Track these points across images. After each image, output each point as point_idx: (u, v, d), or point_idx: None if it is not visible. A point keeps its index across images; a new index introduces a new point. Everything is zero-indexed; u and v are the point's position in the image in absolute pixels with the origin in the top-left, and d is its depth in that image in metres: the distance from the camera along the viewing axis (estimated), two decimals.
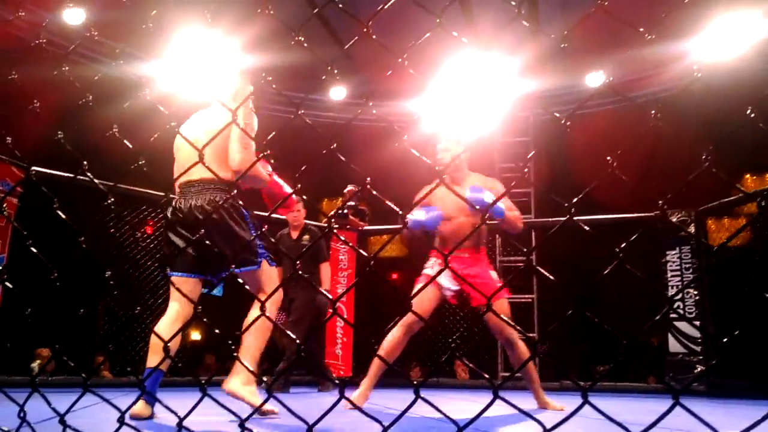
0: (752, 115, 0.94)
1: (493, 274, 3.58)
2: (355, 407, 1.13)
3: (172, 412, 1.27)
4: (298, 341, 1.21)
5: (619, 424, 0.96)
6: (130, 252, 5.89)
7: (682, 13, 5.83)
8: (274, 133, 1.27)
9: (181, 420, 1.26)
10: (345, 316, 6.51)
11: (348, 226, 6.57)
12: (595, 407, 0.96)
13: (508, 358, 6.44)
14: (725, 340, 0.97)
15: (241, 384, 2.58)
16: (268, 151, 1.12)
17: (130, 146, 1.48)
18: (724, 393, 5.40)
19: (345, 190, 5.67)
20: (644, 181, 7.49)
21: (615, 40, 5.81)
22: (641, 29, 0.98)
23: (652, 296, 5.67)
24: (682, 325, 5.77)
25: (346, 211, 6.62)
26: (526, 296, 6.77)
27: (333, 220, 5.75)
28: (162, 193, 4.81)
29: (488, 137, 7.63)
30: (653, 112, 0.95)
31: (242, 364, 1.66)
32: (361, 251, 3.18)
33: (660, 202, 0.95)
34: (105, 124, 1.62)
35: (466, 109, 6.94)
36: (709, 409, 3.84)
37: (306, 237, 5.48)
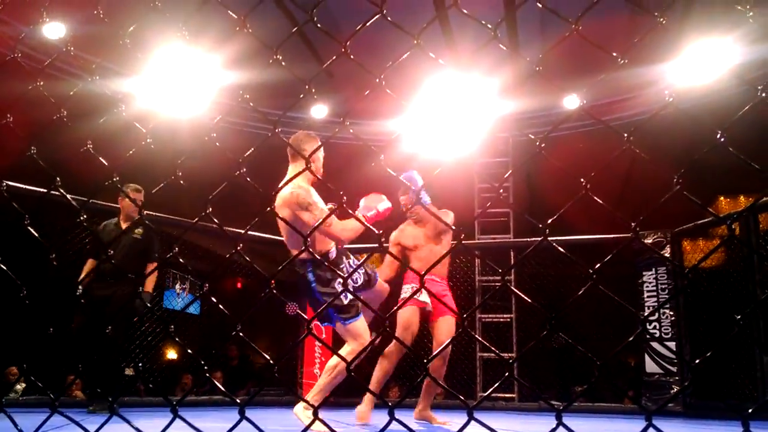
0: (722, 139, 0.96)
1: (449, 295, 4.32)
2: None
3: None
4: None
5: None
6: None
7: (657, 39, 5.97)
8: (251, 150, 1.27)
9: None
10: (323, 336, 6.47)
11: None
12: (569, 429, 0.96)
13: (485, 378, 6.48)
14: (697, 361, 0.97)
15: (303, 409, 3.08)
16: (244, 169, 1.11)
17: (105, 163, 1.46)
18: (700, 414, 5.44)
19: (330, 207, 5.64)
20: (620, 203, 7.59)
21: (592, 64, 5.89)
22: (614, 54, 1.00)
23: (629, 317, 5.73)
24: (659, 346, 5.82)
25: None
26: (505, 316, 6.78)
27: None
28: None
29: (467, 158, 7.68)
30: (626, 135, 0.97)
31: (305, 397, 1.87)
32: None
33: (633, 224, 0.96)
34: (81, 140, 1.60)
35: (446, 130, 6.99)
36: (684, 430, 3.87)
37: (139, 231, 4.82)
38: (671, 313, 5.84)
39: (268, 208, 1.15)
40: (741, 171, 5.64)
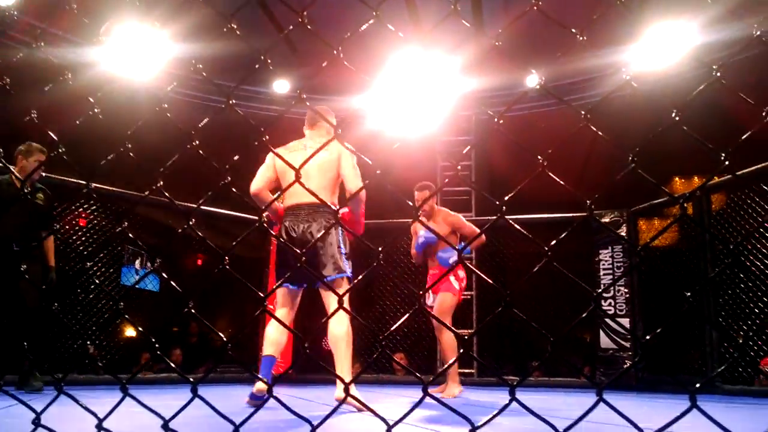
0: (677, 118, 0.96)
1: (451, 278, 4.49)
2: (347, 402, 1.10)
3: (91, 413, 1.21)
4: (224, 337, 1.17)
5: (544, 420, 0.97)
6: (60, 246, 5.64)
7: (619, 21, 6.02)
8: (205, 120, 1.23)
9: (101, 421, 1.20)
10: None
11: None
12: (521, 403, 0.97)
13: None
14: (648, 337, 0.99)
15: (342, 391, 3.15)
16: (196, 142, 1.07)
17: (51, 134, 1.40)
18: (653, 388, 5.62)
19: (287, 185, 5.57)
20: (580, 183, 7.72)
21: (556, 44, 5.95)
22: (573, 30, 0.99)
23: (585, 294, 5.85)
24: (613, 322, 5.98)
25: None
26: (466, 293, 6.85)
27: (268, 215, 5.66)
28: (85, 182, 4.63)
29: (430, 136, 7.68)
30: (583, 113, 0.96)
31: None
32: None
33: (588, 201, 0.96)
34: (27, 110, 1.53)
35: (409, 107, 6.97)
36: (635, 403, 3.98)
37: (40, 196, 4.37)
38: (626, 290, 5.99)
39: (221, 183, 1.11)
40: (696, 153, 5.78)
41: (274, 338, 3.32)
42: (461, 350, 0.88)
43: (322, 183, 3.28)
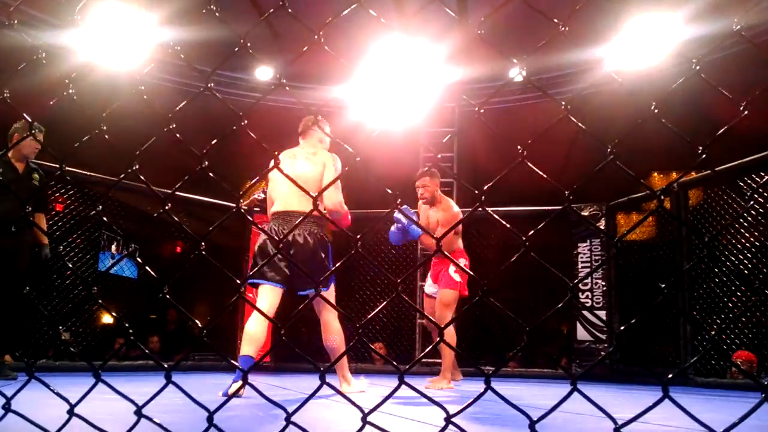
0: (655, 111, 0.97)
1: (451, 270, 4.46)
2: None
3: (63, 398, 1.20)
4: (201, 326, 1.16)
5: (518, 409, 0.97)
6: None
7: (603, 16, 6.05)
8: (182, 104, 1.21)
9: (73, 407, 1.18)
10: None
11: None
12: (496, 392, 0.97)
13: (424, 345, 6.59)
14: (622, 328, 0.99)
15: (348, 387, 3.49)
16: (173, 125, 1.06)
17: (26, 116, 1.37)
18: (627, 379, 5.70)
19: (267, 169, 5.53)
20: (562, 176, 7.77)
21: (540, 36, 5.96)
22: (555, 20, 0.99)
23: (563, 286, 5.92)
24: (590, 314, 6.05)
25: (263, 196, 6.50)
26: None
27: (257, 202, 5.61)
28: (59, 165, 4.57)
29: (414, 127, 7.67)
30: (563, 103, 0.97)
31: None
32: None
33: (566, 193, 0.97)
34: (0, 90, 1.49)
35: (393, 97, 6.95)
36: (611, 394, 4.04)
37: (36, 177, 4.38)
38: (603, 283, 6.06)
39: (198, 168, 1.10)
40: (675, 149, 5.84)
41: (255, 336, 3.28)
42: (438, 340, 0.88)
43: (298, 193, 3.40)
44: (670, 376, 1.04)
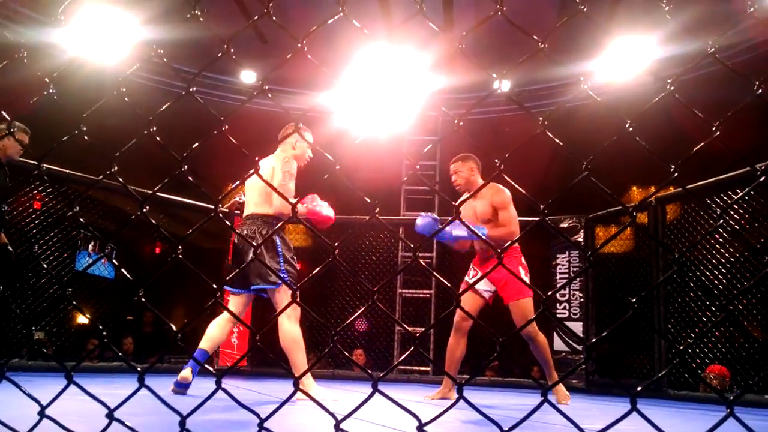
0: (630, 129, 0.99)
1: (521, 272, 3.95)
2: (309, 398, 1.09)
3: (33, 399, 1.19)
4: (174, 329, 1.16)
5: (489, 419, 0.99)
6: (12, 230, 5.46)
7: (585, 33, 6.14)
8: (166, 105, 1.21)
9: (44, 408, 1.17)
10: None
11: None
12: (468, 401, 0.99)
13: (402, 353, 6.61)
14: (594, 340, 1.01)
15: (309, 388, 3.37)
16: (153, 128, 1.06)
17: (4, 114, 1.36)
18: (602, 390, 5.75)
19: (247, 175, 5.49)
20: (541, 189, 7.84)
21: (524, 47, 6.03)
22: (535, 37, 1.01)
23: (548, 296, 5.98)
24: (567, 325, 6.10)
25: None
26: (425, 292, 6.91)
27: (238, 205, 5.57)
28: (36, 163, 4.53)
29: (398, 135, 7.71)
30: (541, 119, 0.98)
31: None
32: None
33: (542, 207, 0.99)
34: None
35: (377, 105, 6.97)
36: (584, 405, 4.07)
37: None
38: (581, 295, 6.12)
39: (178, 171, 1.10)
40: (654, 164, 5.92)
41: (212, 335, 3.51)
42: (411, 348, 0.88)
43: (254, 197, 3.62)
44: (639, 388, 1.06)
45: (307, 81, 8.02)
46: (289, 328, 3.40)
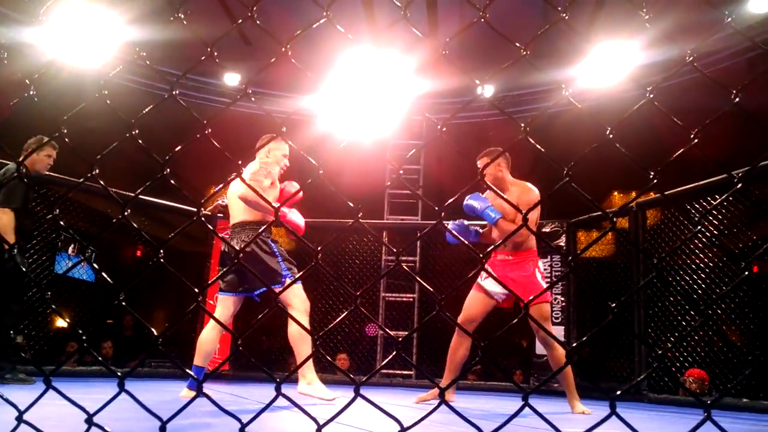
0: (611, 136, 1.00)
1: (537, 275, 3.78)
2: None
3: (11, 404, 1.17)
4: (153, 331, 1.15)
5: (471, 423, 0.99)
6: None
7: (569, 36, 6.20)
8: (148, 108, 1.20)
9: (21, 413, 1.16)
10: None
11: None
12: (449, 406, 0.99)
13: (385, 356, 6.60)
14: (574, 344, 1.02)
15: (307, 384, 3.39)
16: (136, 131, 1.05)
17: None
18: (584, 395, 5.79)
19: (230, 177, 5.47)
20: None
21: (508, 52, 6.08)
22: (518, 44, 1.02)
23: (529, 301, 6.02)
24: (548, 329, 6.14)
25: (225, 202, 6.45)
26: (408, 296, 6.91)
27: (221, 208, 5.53)
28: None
29: (383, 138, 7.72)
30: (523, 125, 0.99)
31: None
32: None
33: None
34: None
35: (362, 108, 6.98)
36: (560, 407, 4.09)
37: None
38: (562, 299, 6.16)
39: (160, 175, 1.09)
40: (634, 168, 5.98)
41: (203, 347, 3.60)
42: (395, 352, 0.88)
43: (239, 205, 3.68)
44: (618, 392, 1.07)
45: (292, 84, 8.01)
46: (303, 319, 3.44)
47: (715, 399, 0.93)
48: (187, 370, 1.26)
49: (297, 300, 3.51)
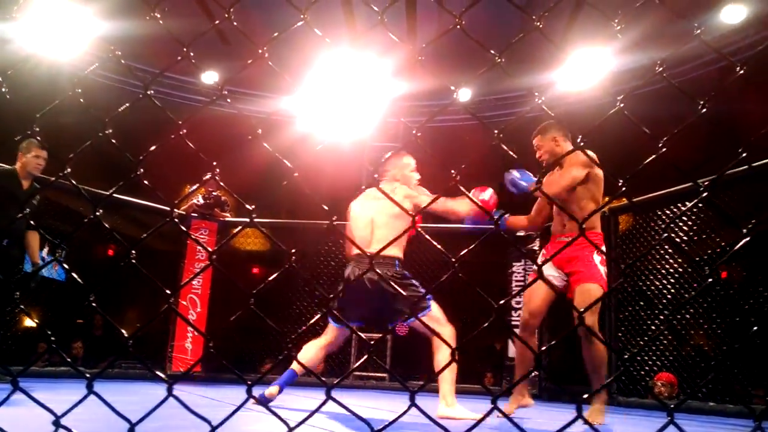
0: (582, 143, 1.02)
1: (596, 259, 3.26)
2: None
3: None
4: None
5: (441, 426, 1.00)
6: None
7: (544, 43, 6.25)
8: (123, 107, 1.19)
9: None
10: (198, 309, 6.28)
11: (208, 215, 6.35)
12: (420, 409, 1.00)
13: (359, 359, 6.59)
14: (543, 348, 1.04)
15: (446, 406, 3.21)
16: (109, 130, 1.05)
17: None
18: (555, 397, 5.86)
19: (205, 178, 5.40)
20: (501, 193, 7.96)
21: (485, 57, 6.12)
22: (492, 52, 1.03)
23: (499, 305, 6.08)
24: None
25: (209, 200, 6.40)
26: None
27: (196, 207, 5.48)
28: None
29: (360, 140, 7.72)
30: (496, 131, 1.01)
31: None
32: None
33: (494, 216, 1.01)
34: None
35: (340, 109, 6.98)
36: (536, 411, 4.13)
37: (37, 196, 4.59)
38: None
39: (133, 175, 1.09)
40: (607, 174, 6.08)
41: (305, 356, 3.55)
42: (366, 355, 0.87)
43: (384, 234, 3.50)
44: (585, 396, 1.09)
45: (270, 84, 7.97)
46: (443, 344, 3.21)
47: (678, 403, 0.95)
48: (158, 372, 1.25)
49: (441, 325, 3.40)
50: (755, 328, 4.55)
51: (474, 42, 1.11)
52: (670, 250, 5.08)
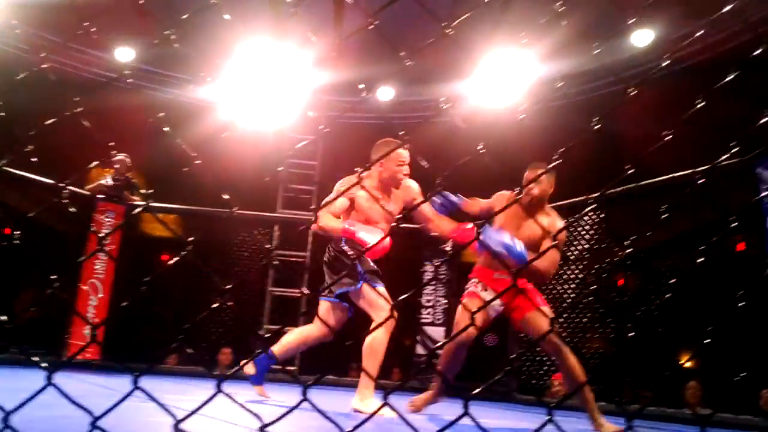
0: (482, 151, 1.06)
1: (538, 299, 3.33)
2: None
3: None
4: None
5: (332, 421, 1.01)
6: None
7: (460, 51, 6.34)
8: (20, 76, 1.13)
9: None
10: (101, 294, 6.00)
11: (116, 198, 6.07)
12: (311, 402, 1.01)
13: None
14: (438, 344, 1.06)
15: (359, 401, 3.11)
16: (33, 134, 0.99)
17: None
18: (461, 394, 6.01)
19: (116, 158, 5.16)
20: (427, 190, 8.06)
21: (410, 49, 6.17)
22: (402, 53, 1.05)
23: (412, 303, 6.25)
24: (429, 330, 6.34)
25: (118, 182, 6.12)
26: (295, 291, 6.88)
27: (104, 188, 5.20)
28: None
29: (279, 132, 7.60)
30: (401, 132, 1.03)
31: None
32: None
33: (399, 216, 1.03)
34: None
35: (259, 99, 6.86)
36: (439, 408, 4.23)
37: None
38: (445, 300, 6.38)
39: (24, 150, 1.03)
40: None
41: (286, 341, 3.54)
42: (260, 350, 0.87)
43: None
44: (475, 392, 1.13)
45: (191, 67, 7.71)
46: (375, 335, 3.08)
47: (558, 401, 1.02)
48: (34, 358, 1.19)
49: (375, 306, 3.06)
50: (632, 334, 4.88)
51: (403, 28, 1.12)
52: (571, 258, 5.34)
